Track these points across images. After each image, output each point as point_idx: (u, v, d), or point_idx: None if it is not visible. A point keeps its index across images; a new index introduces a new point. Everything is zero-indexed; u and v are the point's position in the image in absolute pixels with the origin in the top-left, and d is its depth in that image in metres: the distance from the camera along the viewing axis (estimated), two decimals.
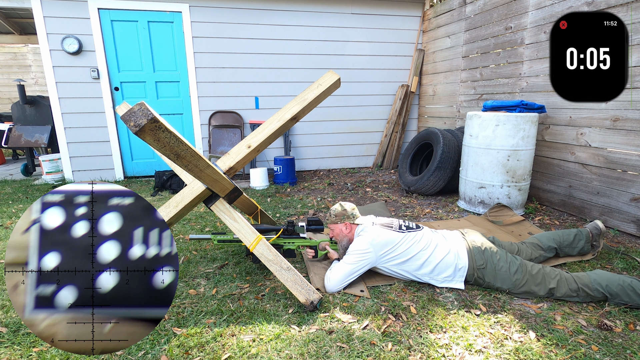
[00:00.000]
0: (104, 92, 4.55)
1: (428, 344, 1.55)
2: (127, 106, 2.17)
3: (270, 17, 4.82)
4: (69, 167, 4.64)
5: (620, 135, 2.79)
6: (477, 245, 1.97)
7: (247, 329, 1.67)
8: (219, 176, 1.72)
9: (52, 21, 4.24)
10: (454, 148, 3.71)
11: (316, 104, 2.05)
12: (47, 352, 1.52)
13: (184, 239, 2.78)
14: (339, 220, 2.14)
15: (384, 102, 5.53)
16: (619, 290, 1.75)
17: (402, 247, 1.94)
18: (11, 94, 8.05)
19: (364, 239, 1.96)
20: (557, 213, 3.33)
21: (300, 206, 3.61)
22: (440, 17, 5.01)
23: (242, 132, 4.88)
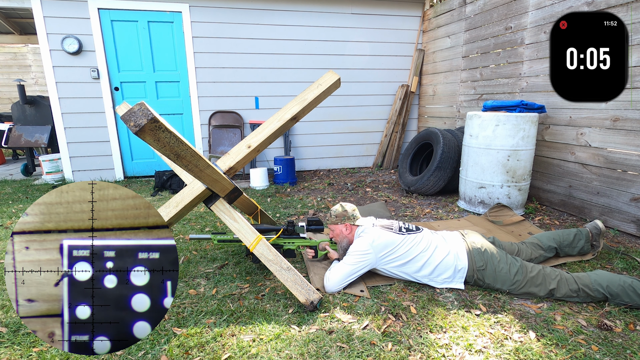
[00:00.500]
0: (104, 92, 4.55)
1: (428, 344, 1.55)
2: (127, 106, 2.16)
3: (270, 17, 4.82)
4: (69, 167, 4.64)
5: (620, 135, 2.79)
6: (477, 247, 1.97)
7: (247, 329, 1.67)
8: (219, 176, 1.72)
9: (52, 21, 4.24)
10: (454, 148, 3.71)
11: (316, 104, 2.05)
12: (47, 352, 1.52)
13: (184, 239, 2.78)
14: (340, 221, 2.14)
15: (384, 102, 5.53)
16: (620, 291, 1.75)
17: (402, 249, 1.94)
18: (11, 94, 8.05)
19: (365, 240, 1.96)
20: (557, 213, 3.33)
21: (300, 206, 3.61)
22: (440, 17, 5.01)
23: (242, 132, 4.88)
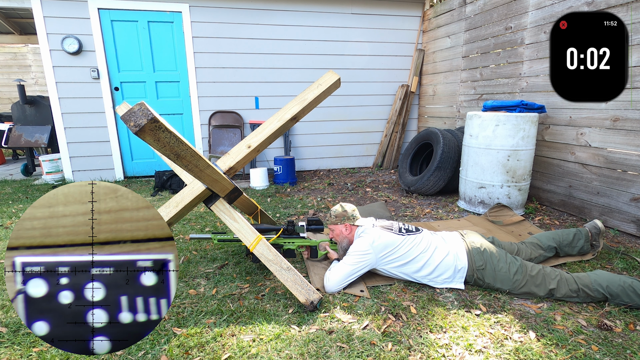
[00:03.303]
0: (104, 92, 4.55)
1: (428, 344, 1.55)
2: (127, 106, 2.16)
3: (270, 17, 4.82)
4: (69, 167, 4.64)
5: (620, 135, 2.79)
6: (476, 246, 1.97)
7: (247, 329, 1.67)
8: (219, 176, 1.72)
9: (52, 21, 4.24)
10: (454, 148, 3.71)
11: (316, 104, 2.05)
12: (47, 352, 1.52)
13: (184, 239, 2.78)
14: (339, 221, 2.15)
15: (384, 102, 5.53)
16: (620, 291, 1.75)
17: (402, 249, 1.95)
18: (11, 94, 8.05)
19: (365, 241, 1.96)
20: (557, 213, 3.33)
21: (300, 206, 3.61)
22: (440, 17, 5.01)
23: (242, 132, 4.88)
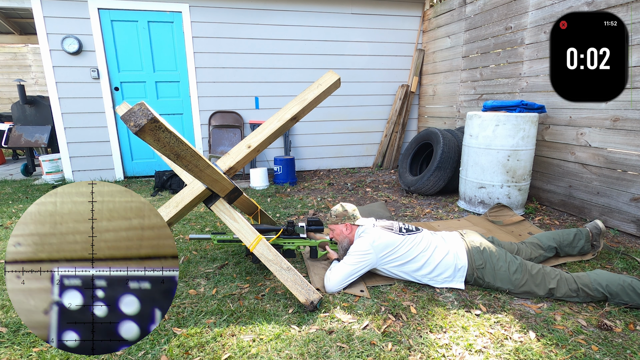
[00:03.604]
0: (104, 92, 4.55)
1: (428, 344, 1.55)
2: (127, 106, 2.16)
3: (270, 17, 4.82)
4: (69, 167, 4.64)
5: (620, 135, 2.79)
6: (476, 246, 1.97)
7: (247, 329, 1.67)
8: (219, 176, 1.72)
9: (52, 21, 4.24)
10: (454, 148, 3.71)
11: (316, 104, 2.05)
12: (47, 352, 1.52)
13: (184, 239, 2.78)
14: (340, 221, 2.15)
15: (384, 102, 5.53)
16: (619, 290, 1.75)
17: (402, 249, 1.95)
18: (11, 94, 8.05)
19: (365, 240, 1.96)
20: (557, 213, 3.33)
21: (300, 206, 3.61)
22: (440, 17, 5.01)
23: (242, 132, 4.88)
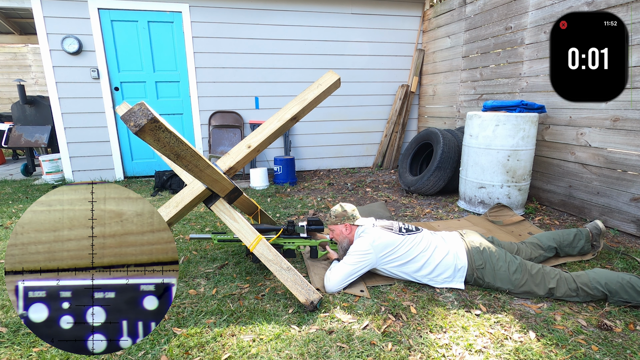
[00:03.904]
0: (104, 92, 4.55)
1: (428, 344, 1.55)
2: (127, 106, 2.17)
3: (270, 17, 4.82)
4: (69, 167, 4.64)
5: (620, 135, 2.79)
6: (475, 246, 1.98)
7: (247, 329, 1.67)
8: (219, 176, 1.72)
9: (52, 21, 4.24)
10: (454, 148, 3.71)
11: (316, 104, 2.05)
12: (47, 352, 1.52)
13: (184, 239, 2.78)
14: (339, 221, 2.15)
15: (384, 102, 5.53)
16: (618, 288, 1.75)
17: (402, 249, 1.95)
18: (11, 94, 8.05)
19: (365, 240, 1.96)
20: (557, 213, 3.33)
21: (300, 206, 3.61)
22: (440, 17, 5.01)
23: (242, 132, 4.88)
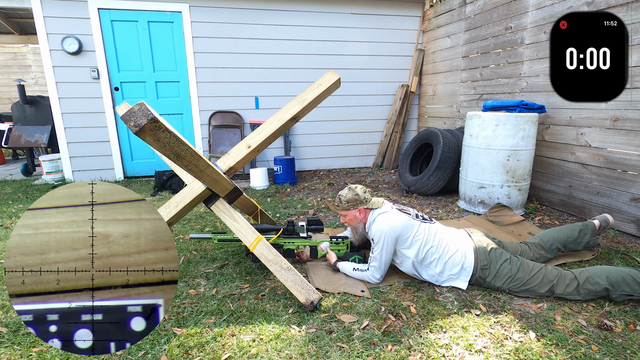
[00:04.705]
0: (104, 92, 4.55)
1: (428, 344, 1.55)
2: (127, 106, 2.17)
3: (270, 17, 4.82)
4: (69, 167, 4.64)
5: (620, 135, 2.79)
6: (483, 246, 1.97)
7: (247, 329, 1.67)
8: (219, 176, 1.72)
9: (52, 21, 4.23)
10: (454, 148, 3.71)
11: (316, 104, 2.05)
12: (47, 352, 1.52)
13: (184, 239, 2.78)
14: (352, 207, 2.06)
15: (384, 102, 5.53)
16: (620, 280, 1.75)
17: (418, 235, 1.95)
18: (11, 94, 8.05)
19: (385, 223, 1.94)
20: (557, 213, 3.33)
21: (300, 206, 3.61)
22: (440, 17, 5.01)
23: (242, 132, 4.88)
